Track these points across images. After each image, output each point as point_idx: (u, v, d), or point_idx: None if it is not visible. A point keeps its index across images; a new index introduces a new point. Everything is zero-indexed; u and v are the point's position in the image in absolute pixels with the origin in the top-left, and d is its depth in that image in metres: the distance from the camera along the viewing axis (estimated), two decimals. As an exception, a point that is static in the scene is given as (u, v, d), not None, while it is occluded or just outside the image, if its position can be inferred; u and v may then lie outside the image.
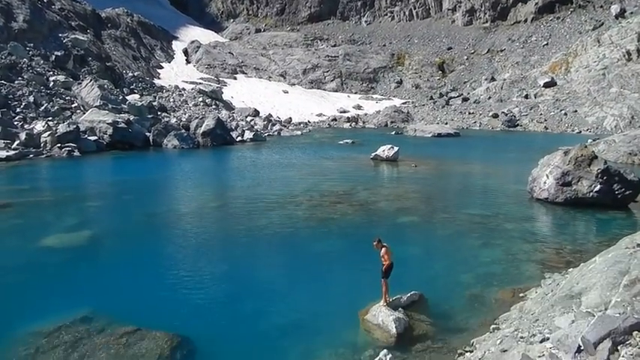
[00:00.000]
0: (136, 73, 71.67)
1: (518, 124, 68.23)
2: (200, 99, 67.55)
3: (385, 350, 7.84)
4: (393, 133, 60.16)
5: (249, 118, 63.50)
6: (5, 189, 24.25)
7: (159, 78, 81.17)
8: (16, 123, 38.38)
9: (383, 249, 11.38)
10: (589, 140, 36.99)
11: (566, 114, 66.55)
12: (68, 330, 10.48)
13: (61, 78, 48.71)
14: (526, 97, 74.81)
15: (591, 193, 21.49)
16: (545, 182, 22.69)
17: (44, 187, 27.00)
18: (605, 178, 21.48)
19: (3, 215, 19.55)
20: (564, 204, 21.86)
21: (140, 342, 10.11)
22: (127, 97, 52.85)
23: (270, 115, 68.27)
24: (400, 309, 11.43)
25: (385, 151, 36.40)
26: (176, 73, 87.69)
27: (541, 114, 68.83)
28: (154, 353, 9.74)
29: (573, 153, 22.40)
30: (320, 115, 78.02)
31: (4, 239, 17.11)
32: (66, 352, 9.70)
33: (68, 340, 10.10)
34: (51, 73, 49.72)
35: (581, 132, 61.05)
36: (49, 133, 36.16)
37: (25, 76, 45.73)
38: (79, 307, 11.39)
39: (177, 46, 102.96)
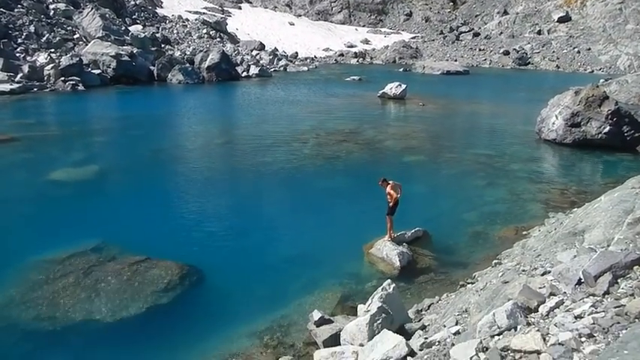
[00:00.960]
0: (138, 1, 69.35)
1: (529, 63, 66.51)
2: (204, 31, 65.74)
3: (389, 280, 8.10)
4: (401, 70, 58.94)
5: (254, 52, 62.06)
6: (11, 123, 24.25)
7: (161, 7, 78.55)
8: (18, 55, 37.73)
9: (388, 186, 11.49)
10: (601, 80, 36.10)
11: (579, 52, 64.67)
12: (80, 258, 10.83)
13: (62, 6, 47.29)
14: (539, 32, 72.37)
15: (600, 135, 21.30)
16: (554, 123, 22.45)
17: (50, 121, 26.97)
18: (615, 119, 21.22)
19: (11, 149, 19.69)
20: (572, 145, 21.73)
21: (150, 270, 10.48)
22: (129, 28, 51.48)
23: (275, 49, 66.65)
24: (404, 244, 11.72)
25: (393, 88, 35.82)
26: (179, 2, 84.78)
27: (553, 52, 66.89)
28: (163, 280, 10.12)
29: (584, 93, 22.00)
30: (327, 49, 76.09)
31: (13, 173, 17.33)
32: (78, 278, 10.08)
33: (80, 268, 10.46)
34: (51, 0, 48.21)
35: (593, 71, 59.58)
36: (52, 65, 35.60)
37: (24, 4, 44.41)
38: (90, 238, 11.70)
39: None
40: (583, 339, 3.98)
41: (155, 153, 20.14)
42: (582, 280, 5.18)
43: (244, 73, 47.93)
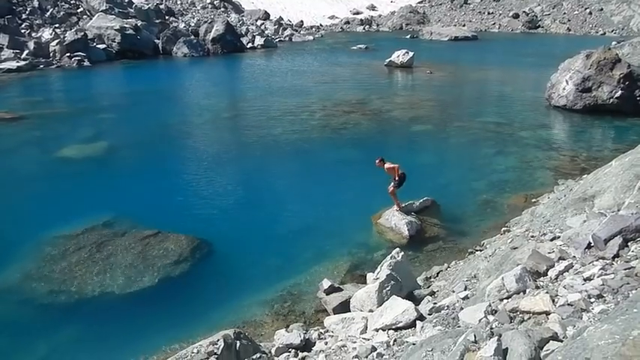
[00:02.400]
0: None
1: (539, 26, 65.07)
2: (208, 0, 64.81)
3: (398, 249, 8.17)
4: (408, 36, 57.93)
5: (259, 22, 61.19)
6: (19, 101, 24.29)
7: (164, -22, 77.25)
8: (23, 31, 37.52)
9: (386, 164, 11.39)
10: (613, 42, 35.31)
11: (590, 13, 63.05)
12: (92, 233, 11.00)
13: (64, -19, 46.64)
14: (549, -7, 70.35)
15: (611, 100, 20.94)
16: (564, 88, 22.07)
17: (57, 98, 26.97)
18: (627, 83, 20.81)
19: (20, 127, 19.77)
20: (582, 111, 21.40)
21: (161, 243, 10.64)
22: (132, 0, 50.87)
23: (280, 19, 65.67)
24: (413, 213, 11.75)
25: (400, 56, 35.28)
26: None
27: (564, 13, 65.27)
28: (175, 253, 10.28)
29: (595, 56, 21.53)
30: (332, 17, 74.84)
31: (24, 151, 17.45)
32: (91, 252, 10.26)
33: (93, 242, 10.64)
34: (53, -25, 47.51)
35: (605, 33, 58.24)
36: (57, 41, 35.40)
37: (26, -20, 43.88)
38: (102, 213, 11.86)
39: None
40: (592, 299, 4.02)
41: (163, 128, 20.15)
42: (592, 244, 5.18)
43: (249, 44, 47.38)
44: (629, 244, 4.87)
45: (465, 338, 3.73)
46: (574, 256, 5.28)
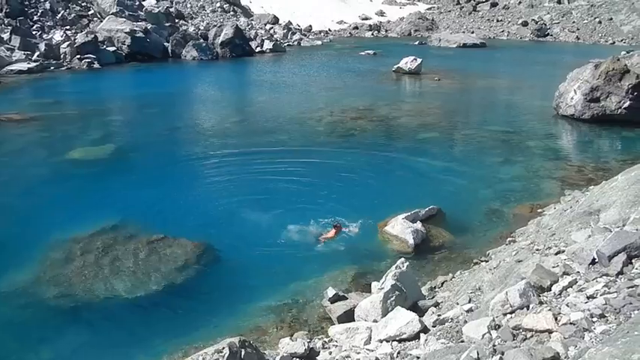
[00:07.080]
0: (150, -23, 68.69)
1: (548, 34, 64.94)
2: (218, 4, 65.14)
3: (402, 259, 8.19)
4: (417, 43, 57.95)
5: (268, 26, 61.46)
6: (30, 102, 24.54)
7: (174, -18, 77.74)
8: (34, 32, 37.91)
9: None
10: (622, 52, 35.20)
11: (600, 22, 62.84)
12: (99, 237, 11.08)
13: (75, -16, 47.09)
14: (559, 1, 70.26)
15: (620, 110, 20.85)
16: (572, 98, 22.00)
17: (67, 100, 27.15)
18: (635, 94, 20.67)
19: (29, 129, 19.96)
20: (590, 121, 21.31)
21: (167, 248, 10.72)
22: (143, 3, 51.28)
23: (289, 23, 65.92)
24: (418, 222, 11.74)
25: (408, 63, 35.30)
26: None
27: (574, 22, 65.11)
28: (181, 258, 10.35)
29: (604, 66, 21.44)
30: (341, 22, 75.06)
31: (32, 152, 17.62)
32: (97, 257, 10.34)
33: (100, 246, 10.72)
34: (64, -22, 47.98)
35: (615, 43, 57.98)
36: (67, 43, 35.76)
37: (38, -18, 44.33)
38: (108, 217, 11.94)
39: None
40: (594, 319, 4.02)
41: (171, 131, 20.29)
42: (596, 260, 5.19)
43: (258, 49, 47.58)
44: (633, 261, 4.88)
45: (468, 355, 3.76)
46: (578, 272, 5.29)
